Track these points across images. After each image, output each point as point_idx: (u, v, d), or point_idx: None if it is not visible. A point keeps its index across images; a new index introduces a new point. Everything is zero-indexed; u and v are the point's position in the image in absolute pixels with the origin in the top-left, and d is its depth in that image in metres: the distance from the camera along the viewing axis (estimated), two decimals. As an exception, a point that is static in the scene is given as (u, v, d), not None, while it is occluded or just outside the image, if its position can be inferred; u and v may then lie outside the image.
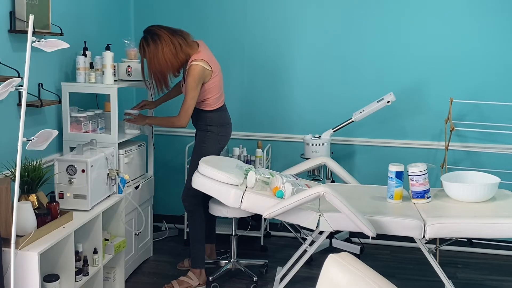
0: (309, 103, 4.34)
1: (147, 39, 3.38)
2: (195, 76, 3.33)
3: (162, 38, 3.35)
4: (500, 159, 4.07)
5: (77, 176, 2.91)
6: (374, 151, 4.33)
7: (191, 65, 3.35)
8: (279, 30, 4.31)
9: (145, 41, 3.39)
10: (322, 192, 2.86)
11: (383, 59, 4.21)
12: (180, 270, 3.74)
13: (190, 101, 3.36)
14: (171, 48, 3.36)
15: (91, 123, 3.39)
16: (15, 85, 2.30)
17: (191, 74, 3.34)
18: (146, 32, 3.42)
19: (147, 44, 3.37)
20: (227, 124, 3.60)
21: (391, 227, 2.97)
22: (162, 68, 3.39)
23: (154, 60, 3.37)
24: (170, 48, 3.35)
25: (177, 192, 4.35)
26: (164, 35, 3.36)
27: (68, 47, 2.50)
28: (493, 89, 4.09)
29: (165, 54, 3.35)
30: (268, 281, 3.60)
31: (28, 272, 2.40)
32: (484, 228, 2.92)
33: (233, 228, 3.63)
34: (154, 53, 3.36)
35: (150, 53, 3.36)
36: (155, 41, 3.35)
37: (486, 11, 4.04)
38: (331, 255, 1.61)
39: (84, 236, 2.96)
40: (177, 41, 3.37)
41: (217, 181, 3.13)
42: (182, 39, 3.40)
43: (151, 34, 3.38)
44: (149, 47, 3.36)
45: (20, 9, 2.87)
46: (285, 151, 4.40)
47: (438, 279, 3.12)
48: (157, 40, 3.35)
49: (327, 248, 4.04)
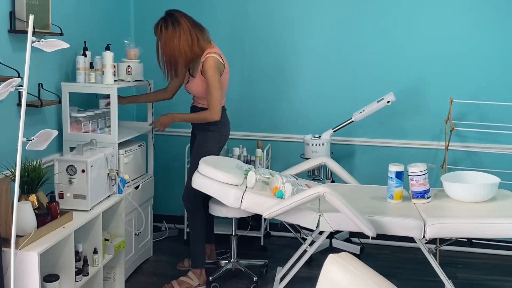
0: (309, 103, 4.34)
1: (167, 22, 3.39)
2: (213, 65, 3.38)
3: (181, 27, 3.37)
4: (500, 159, 4.06)
5: (77, 176, 2.91)
6: (374, 151, 4.33)
7: (207, 56, 3.39)
8: (279, 31, 4.31)
9: (164, 23, 3.40)
10: (322, 192, 2.86)
11: (383, 59, 4.21)
12: (180, 270, 3.74)
13: (216, 93, 3.38)
14: (188, 39, 3.38)
15: (91, 123, 3.39)
16: (15, 85, 2.30)
17: (208, 64, 3.37)
18: (168, 15, 3.42)
19: (165, 26, 3.38)
20: (227, 124, 3.61)
21: (391, 227, 2.97)
22: (175, 54, 3.41)
23: (169, 44, 3.40)
24: (187, 38, 3.38)
25: (177, 192, 4.35)
26: (184, 24, 3.38)
27: (68, 47, 2.50)
28: (493, 89, 4.09)
29: (181, 42, 3.37)
30: (268, 281, 3.60)
31: (28, 272, 2.40)
32: (484, 228, 2.92)
33: (233, 228, 3.63)
34: (170, 38, 3.38)
35: (167, 37, 3.38)
36: (174, 27, 3.37)
37: (486, 11, 4.04)
38: (331, 255, 1.61)
39: (84, 236, 2.95)
40: (195, 34, 3.40)
41: (217, 181, 3.13)
42: (200, 33, 3.43)
43: (172, 19, 3.39)
44: (167, 31, 3.38)
45: (20, 9, 2.87)
46: (285, 151, 4.40)
47: (438, 279, 3.12)
48: (177, 27, 3.37)
49: (327, 248, 4.04)
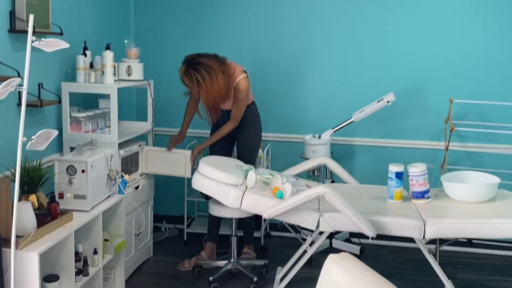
0: (309, 103, 4.34)
1: (200, 72, 3.36)
2: (246, 88, 3.52)
3: (214, 70, 3.38)
4: (500, 159, 4.06)
5: (77, 176, 2.91)
6: (374, 151, 4.32)
7: (238, 81, 3.47)
8: (279, 31, 4.31)
9: (198, 74, 3.37)
10: (322, 192, 2.86)
11: (383, 59, 4.22)
12: (180, 271, 3.74)
13: (242, 107, 3.58)
14: (223, 78, 3.41)
15: (91, 123, 3.39)
16: (15, 85, 2.30)
17: (242, 87, 3.49)
18: (197, 64, 3.38)
19: (202, 77, 3.37)
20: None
21: (391, 227, 2.97)
22: (216, 99, 3.44)
23: (210, 94, 3.41)
24: (223, 78, 3.41)
25: (177, 192, 4.36)
26: (214, 66, 3.39)
27: (68, 47, 2.50)
28: (493, 89, 4.09)
29: (220, 85, 3.40)
30: (268, 281, 3.60)
31: (28, 273, 2.40)
32: (484, 228, 2.92)
33: (233, 228, 3.63)
34: (210, 86, 3.38)
35: (207, 86, 3.38)
36: (210, 74, 3.37)
37: (486, 11, 4.04)
38: (331, 256, 1.61)
39: (84, 237, 2.95)
40: (224, 68, 3.43)
41: (217, 181, 3.13)
42: (224, 64, 3.45)
43: (204, 66, 3.37)
44: (205, 81, 3.37)
45: (20, 9, 2.87)
46: (285, 151, 4.40)
47: (438, 279, 3.12)
48: (212, 72, 3.37)
49: (327, 249, 4.04)
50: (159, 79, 4.12)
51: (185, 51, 3.52)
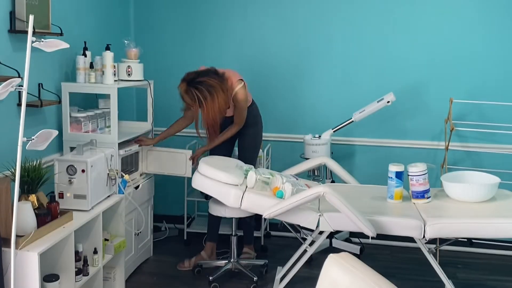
0: (309, 103, 4.34)
1: (202, 92, 3.37)
2: (244, 98, 3.53)
3: (215, 89, 3.38)
4: (500, 159, 4.06)
5: (77, 176, 2.91)
6: (374, 151, 4.33)
7: (235, 93, 3.49)
8: (279, 31, 4.31)
9: (200, 94, 3.37)
10: (322, 192, 2.86)
11: (383, 59, 4.22)
12: (180, 270, 3.75)
13: (244, 114, 3.62)
14: (223, 96, 3.42)
15: (91, 123, 3.39)
16: (15, 85, 2.30)
17: (240, 100, 3.51)
18: (199, 83, 3.38)
19: (204, 97, 3.37)
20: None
21: (391, 227, 2.97)
22: (216, 117, 3.45)
23: (211, 113, 3.41)
24: (223, 96, 3.41)
25: (177, 192, 4.36)
26: (216, 85, 3.39)
27: (68, 47, 2.50)
28: (493, 89, 4.09)
29: (220, 103, 3.41)
30: (268, 281, 3.60)
31: (28, 272, 2.40)
32: (484, 228, 2.92)
33: (233, 228, 3.63)
34: (211, 105, 3.39)
35: (209, 106, 3.39)
36: (211, 94, 3.38)
37: (486, 11, 4.04)
38: (331, 255, 1.61)
39: (84, 236, 2.95)
40: (224, 86, 3.44)
41: (217, 181, 3.13)
42: (223, 80, 3.45)
43: (206, 86, 3.37)
44: (207, 100, 3.38)
45: (20, 9, 2.87)
46: (285, 151, 4.40)
47: (438, 279, 3.12)
48: (213, 92, 3.38)
49: (327, 248, 4.03)
50: (159, 79, 4.12)
51: (185, 51, 3.53)
